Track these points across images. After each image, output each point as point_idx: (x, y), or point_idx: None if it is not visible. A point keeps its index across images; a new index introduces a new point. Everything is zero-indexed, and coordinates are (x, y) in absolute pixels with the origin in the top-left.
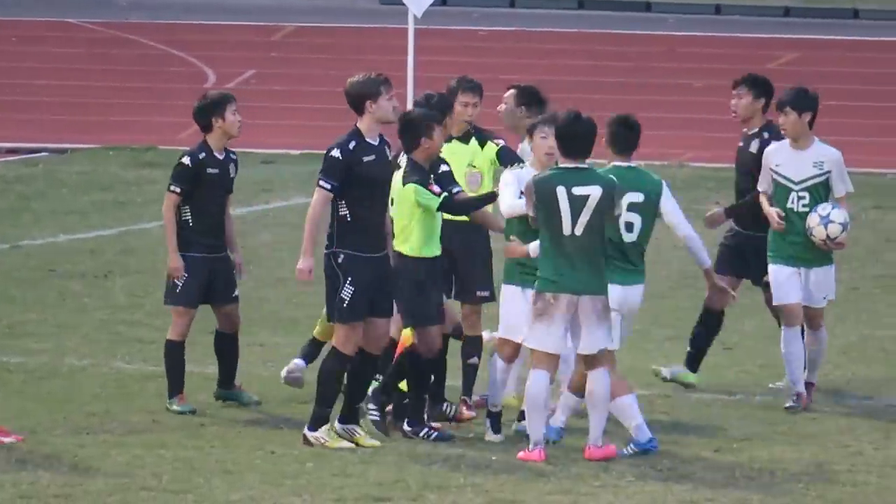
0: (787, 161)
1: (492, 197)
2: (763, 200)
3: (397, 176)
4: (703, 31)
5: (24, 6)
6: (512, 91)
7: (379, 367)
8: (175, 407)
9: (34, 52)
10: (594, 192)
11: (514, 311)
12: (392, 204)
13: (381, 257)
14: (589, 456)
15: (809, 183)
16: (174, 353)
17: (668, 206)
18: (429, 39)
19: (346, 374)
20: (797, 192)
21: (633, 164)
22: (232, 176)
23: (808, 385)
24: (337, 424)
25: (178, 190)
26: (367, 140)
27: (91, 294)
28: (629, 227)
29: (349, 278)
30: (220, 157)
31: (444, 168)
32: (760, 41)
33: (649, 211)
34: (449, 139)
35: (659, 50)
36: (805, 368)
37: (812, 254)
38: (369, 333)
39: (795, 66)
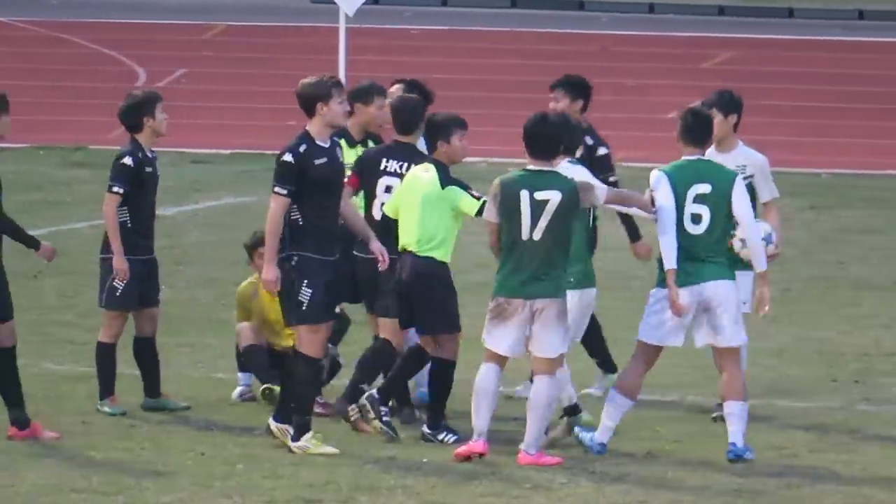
0: None
1: None
2: None
3: (400, 181)
4: (637, 30)
5: None
6: (398, 85)
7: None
8: (106, 409)
9: None
10: (554, 197)
11: None
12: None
13: (334, 261)
14: (521, 461)
15: None
16: (106, 355)
17: (738, 199)
18: (361, 38)
19: (284, 376)
20: None
21: (704, 157)
22: (159, 174)
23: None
24: (272, 423)
25: (120, 191)
26: (318, 143)
27: (21, 294)
28: (696, 218)
29: (305, 280)
30: (150, 156)
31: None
32: (695, 40)
33: (719, 203)
34: (364, 142)
35: (592, 49)
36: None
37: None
38: None
39: (730, 65)
